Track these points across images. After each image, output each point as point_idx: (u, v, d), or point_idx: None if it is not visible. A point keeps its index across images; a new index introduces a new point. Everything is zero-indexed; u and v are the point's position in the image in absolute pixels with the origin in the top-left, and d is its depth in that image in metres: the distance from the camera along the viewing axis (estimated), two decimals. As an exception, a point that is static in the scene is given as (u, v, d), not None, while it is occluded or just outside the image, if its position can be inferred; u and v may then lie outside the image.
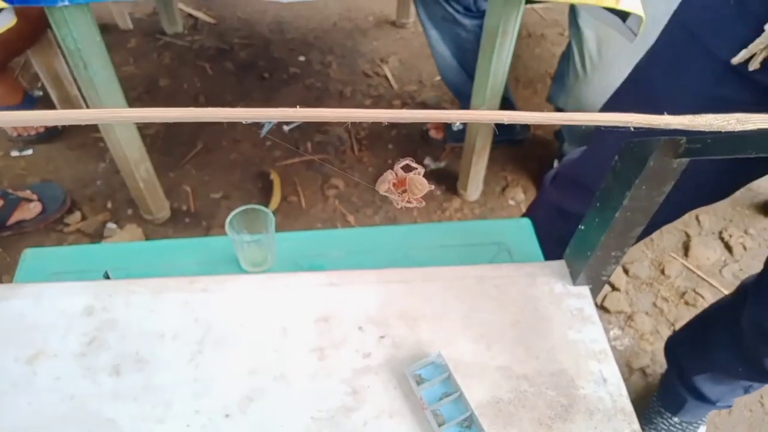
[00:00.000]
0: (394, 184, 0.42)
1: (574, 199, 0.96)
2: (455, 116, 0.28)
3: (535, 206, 1.13)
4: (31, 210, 1.49)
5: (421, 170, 0.42)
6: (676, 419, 1.15)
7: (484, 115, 0.27)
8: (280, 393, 0.65)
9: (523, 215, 1.21)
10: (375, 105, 1.94)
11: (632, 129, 0.31)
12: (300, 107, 0.33)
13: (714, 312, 0.98)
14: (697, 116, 0.29)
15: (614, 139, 0.55)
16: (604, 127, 0.33)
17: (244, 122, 0.33)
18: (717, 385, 1.00)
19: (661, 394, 1.18)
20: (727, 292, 1.46)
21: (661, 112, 0.32)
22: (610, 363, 0.67)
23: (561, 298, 0.73)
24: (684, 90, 0.75)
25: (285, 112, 0.33)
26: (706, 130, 0.29)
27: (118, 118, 0.34)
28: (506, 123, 0.26)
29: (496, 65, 1.28)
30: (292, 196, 1.64)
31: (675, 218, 0.99)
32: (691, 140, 0.54)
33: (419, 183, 0.42)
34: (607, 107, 0.95)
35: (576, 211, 0.84)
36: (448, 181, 1.69)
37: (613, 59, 1.23)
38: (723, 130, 0.29)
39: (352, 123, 1.83)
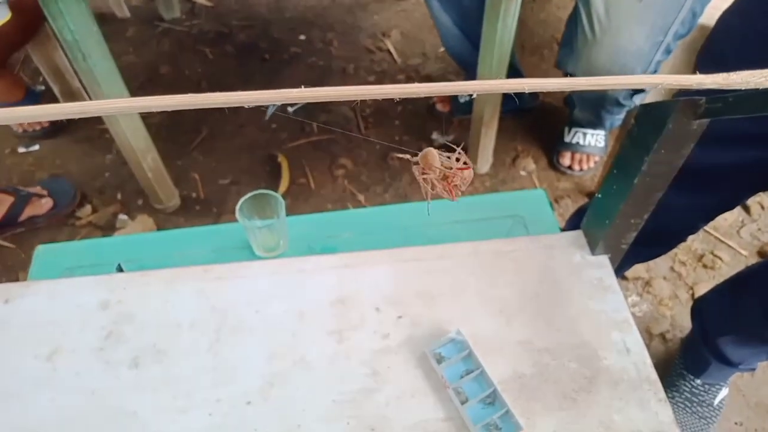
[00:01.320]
0: (438, 176, 0.37)
1: None
2: (471, 87, 0.26)
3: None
4: (42, 205, 1.49)
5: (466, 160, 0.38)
6: (698, 381, 1.14)
7: (502, 84, 0.25)
8: (300, 377, 0.64)
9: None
10: (379, 81, 1.91)
11: (663, 91, 0.29)
12: (303, 87, 0.31)
13: (747, 274, 0.97)
14: (732, 74, 0.27)
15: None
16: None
17: (246, 106, 0.31)
18: (741, 348, 0.99)
19: (683, 357, 1.17)
20: (745, 253, 1.44)
21: (731, 64, 0.30)
22: (632, 332, 0.66)
23: (580, 268, 0.71)
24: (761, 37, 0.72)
25: (289, 94, 0.32)
26: (743, 88, 0.27)
27: (124, 109, 0.32)
28: (527, 91, 0.24)
29: (501, 32, 1.24)
30: (301, 178, 1.62)
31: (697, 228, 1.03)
32: (711, 100, 0.52)
33: (466, 177, 0.38)
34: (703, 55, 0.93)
35: None
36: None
37: (623, 21, 1.19)
38: (761, 87, 0.27)
39: (357, 101, 1.81)
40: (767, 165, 0.79)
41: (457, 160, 0.38)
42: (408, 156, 0.38)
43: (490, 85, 0.30)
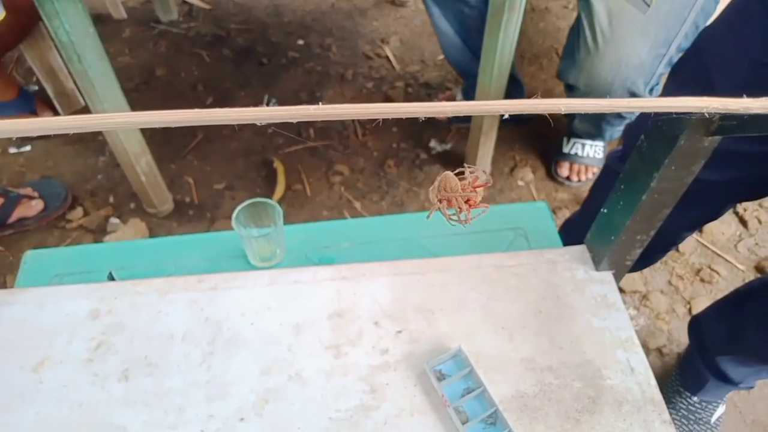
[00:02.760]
0: (456, 200, 0.36)
1: None
2: (506, 106, 0.25)
3: (598, 191, 1.08)
4: (32, 207, 1.46)
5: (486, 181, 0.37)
6: (695, 399, 1.13)
7: (536, 104, 0.24)
8: (296, 393, 0.62)
9: (581, 209, 1.18)
10: (377, 87, 1.89)
11: (707, 115, 0.27)
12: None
13: (746, 293, 0.95)
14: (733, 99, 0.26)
15: None
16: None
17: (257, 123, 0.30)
18: (741, 367, 0.97)
19: (681, 373, 1.15)
20: (743, 268, 1.43)
21: (714, 80, 0.29)
22: (637, 351, 0.65)
23: (584, 284, 0.70)
24: (742, 53, 0.72)
25: (289, 112, 0.30)
26: (743, 113, 0.26)
27: (119, 124, 0.31)
28: (563, 113, 0.23)
29: (503, 42, 1.23)
30: (297, 184, 1.61)
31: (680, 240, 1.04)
32: (725, 117, 0.51)
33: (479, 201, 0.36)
34: (670, 76, 0.92)
35: None
36: (454, 163, 1.65)
37: (626, 32, 1.18)
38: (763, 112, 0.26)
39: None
40: (757, 180, 0.79)
41: (473, 174, 0.37)
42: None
43: (533, 104, 0.28)
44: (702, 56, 0.80)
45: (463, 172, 0.37)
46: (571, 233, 0.80)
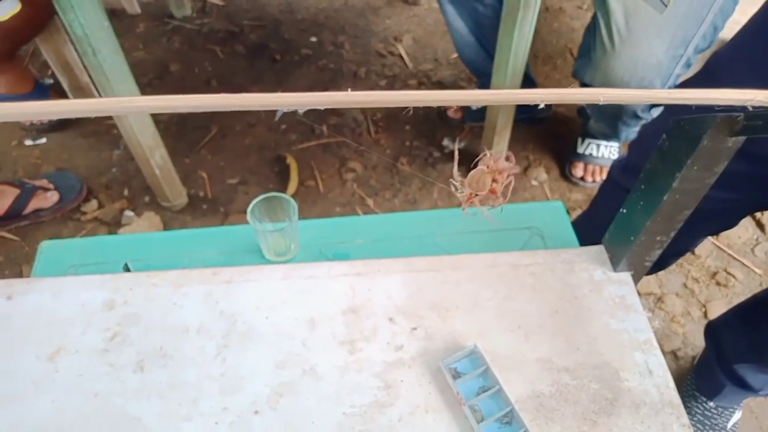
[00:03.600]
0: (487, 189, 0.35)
1: None
2: (529, 96, 0.24)
3: (602, 195, 1.08)
4: (48, 199, 1.47)
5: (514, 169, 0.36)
6: (711, 404, 1.11)
7: (574, 93, 0.23)
8: (310, 388, 0.62)
9: (584, 213, 1.17)
10: (390, 85, 1.89)
11: (716, 108, 0.27)
12: (313, 89, 0.29)
13: (766, 299, 0.94)
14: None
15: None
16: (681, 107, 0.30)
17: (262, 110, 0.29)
18: (761, 374, 0.96)
19: (696, 378, 1.14)
20: (759, 272, 1.41)
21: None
22: (655, 353, 0.64)
23: (601, 285, 0.69)
24: (763, 81, 0.71)
25: (303, 99, 0.29)
26: None
27: (134, 108, 0.30)
28: (602, 103, 0.22)
29: (517, 41, 1.23)
30: (310, 180, 1.61)
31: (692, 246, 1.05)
32: (750, 116, 0.50)
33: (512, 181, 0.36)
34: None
35: None
36: (467, 162, 1.64)
37: (643, 32, 1.17)
38: None
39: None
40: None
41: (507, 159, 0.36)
42: (456, 186, 0.36)
43: (548, 94, 0.28)
44: (714, 80, 0.79)
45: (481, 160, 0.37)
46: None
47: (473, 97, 0.23)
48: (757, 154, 0.71)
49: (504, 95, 0.25)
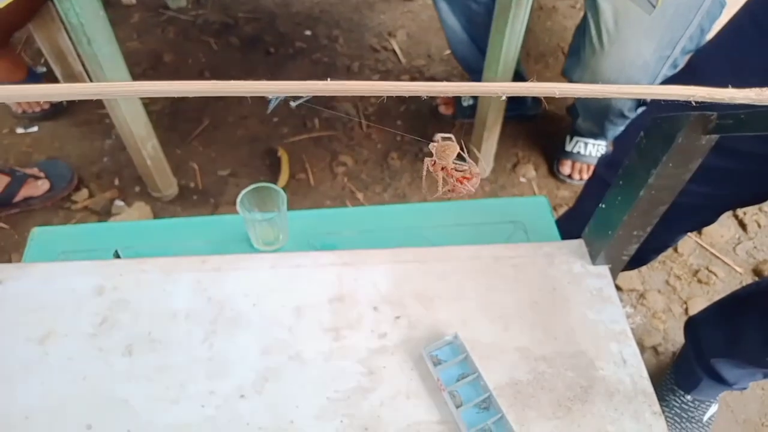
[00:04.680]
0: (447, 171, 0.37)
1: None
2: (508, 88, 0.26)
3: (588, 191, 1.09)
4: (38, 187, 1.48)
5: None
6: (689, 397, 1.14)
7: (533, 87, 0.25)
8: (295, 373, 0.64)
9: (570, 210, 1.19)
10: (383, 80, 1.89)
11: (693, 103, 0.29)
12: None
13: (744, 296, 0.97)
14: (765, 89, 0.27)
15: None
16: (664, 102, 0.31)
17: (249, 100, 0.31)
18: (736, 369, 0.99)
19: (675, 372, 1.17)
20: (740, 270, 1.44)
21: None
22: (630, 344, 0.66)
23: (580, 278, 0.71)
24: (742, 80, 0.73)
25: (293, 86, 0.31)
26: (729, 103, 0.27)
27: (127, 92, 0.32)
28: (557, 96, 0.24)
29: (509, 38, 1.24)
30: (301, 173, 1.62)
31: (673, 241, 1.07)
32: (723, 116, 0.52)
33: (473, 183, 0.38)
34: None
35: None
36: (458, 157, 1.66)
37: (632, 33, 1.19)
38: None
39: (360, 98, 1.80)
40: (748, 194, 0.80)
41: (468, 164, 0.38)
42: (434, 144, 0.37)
43: (530, 87, 0.30)
44: (695, 78, 0.81)
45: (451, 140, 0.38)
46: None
47: (437, 88, 0.25)
48: (735, 149, 0.73)
49: (465, 87, 0.27)
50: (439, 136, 0.39)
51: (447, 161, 0.37)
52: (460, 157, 0.40)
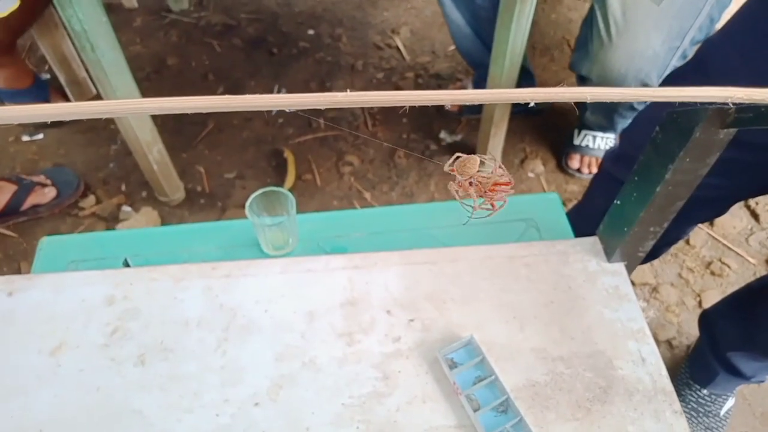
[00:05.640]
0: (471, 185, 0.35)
1: None
2: (525, 95, 0.25)
3: (595, 186, 1.08)
4: (45, 195, 1.48)
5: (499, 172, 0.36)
6: (705, 392, 1.13)
7: (562, 93, 0.24)
8: (309, 380, 0.63)
9: (578, 204, 1.18)
10: (387, 78, 1.89)
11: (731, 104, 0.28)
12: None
13: (759, 288, 0.95)
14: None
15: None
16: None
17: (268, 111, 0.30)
18: (753, 362, 0.97)
19: (690, 366, 1.15)
20: (754, 261, 1.43)
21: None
22: (648, 342, 0.65)
23: (595, 275, 0.70)
24: (753, 70, 0.71)
25: (314, 98, 0.30)
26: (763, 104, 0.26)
27: (132, 110, 0.31)
28: (589, 101, 0.23)
29: (515, 32, 1.23)
30: (307, 174, 1.61)
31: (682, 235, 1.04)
32: (741, 109, 0.50)
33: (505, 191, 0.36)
34: (665, 84, 0.91)
35: None
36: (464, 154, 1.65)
37: (640, 24, 1.17)
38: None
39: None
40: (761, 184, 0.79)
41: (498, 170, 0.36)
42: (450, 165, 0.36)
43: (555, 93, 0.28)
44: (705, 69, 0.79)
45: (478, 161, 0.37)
46: None
47: (465, 96, 0.24)
48: (749, 142, 0.72)
49: (490, 95, 0.26)
50: (450, 160, 0.37)
51: (472, 174, 0.35)
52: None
